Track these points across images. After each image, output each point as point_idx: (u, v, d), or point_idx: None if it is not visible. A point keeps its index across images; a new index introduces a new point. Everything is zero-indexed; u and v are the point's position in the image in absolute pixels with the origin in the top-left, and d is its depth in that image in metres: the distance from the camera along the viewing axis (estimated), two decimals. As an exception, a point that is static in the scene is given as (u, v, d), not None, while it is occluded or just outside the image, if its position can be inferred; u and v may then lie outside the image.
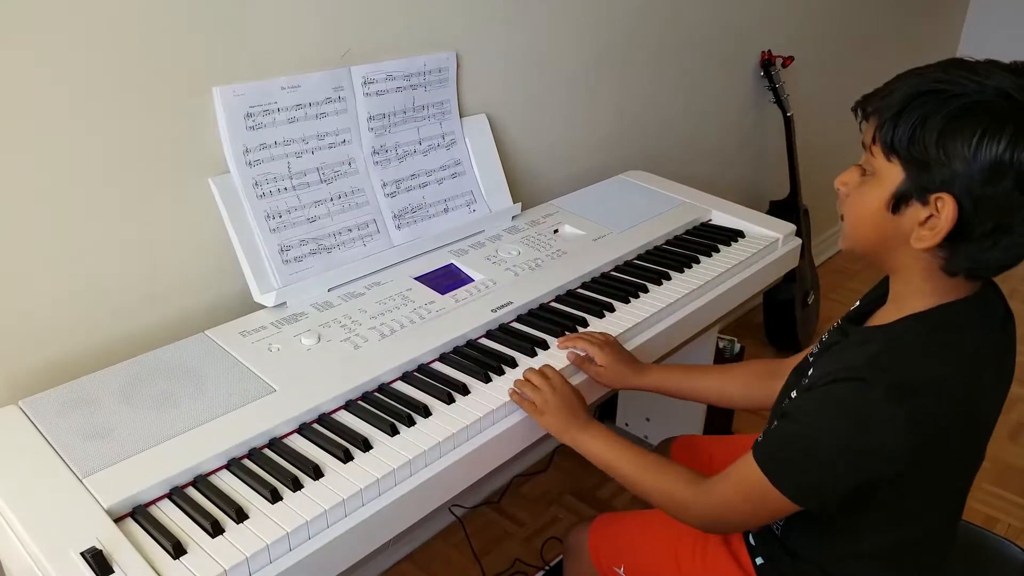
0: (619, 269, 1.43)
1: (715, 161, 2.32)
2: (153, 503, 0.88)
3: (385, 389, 1.08)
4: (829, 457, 0.82)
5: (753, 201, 2.39)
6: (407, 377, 1.11)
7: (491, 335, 1.21)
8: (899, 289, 0.87)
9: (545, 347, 1.18)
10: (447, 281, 1.31)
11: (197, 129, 1.17)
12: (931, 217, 0.77)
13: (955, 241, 0.77)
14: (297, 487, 0.89)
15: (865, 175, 0.83)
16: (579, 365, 1.14)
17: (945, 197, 0.76)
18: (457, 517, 1.84)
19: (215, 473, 0.92)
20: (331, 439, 0.97)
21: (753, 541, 1.04)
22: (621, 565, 1.14)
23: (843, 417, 0.81)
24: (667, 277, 1.39)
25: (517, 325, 1.25)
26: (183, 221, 1.19)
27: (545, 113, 1.71)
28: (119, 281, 1.15)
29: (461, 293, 1.28)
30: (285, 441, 0.97)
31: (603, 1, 1.74)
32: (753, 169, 2.52)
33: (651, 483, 0.97)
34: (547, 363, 1.12)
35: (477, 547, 1.78)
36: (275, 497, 0.87)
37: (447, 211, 1.46)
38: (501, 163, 1.55)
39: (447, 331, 1.17)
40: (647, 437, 1.95)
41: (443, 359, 1.15)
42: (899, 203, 0.80)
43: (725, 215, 1.63)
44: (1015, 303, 2.80)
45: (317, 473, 0.91)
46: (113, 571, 0.77)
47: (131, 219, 1.14)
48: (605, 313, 1.28)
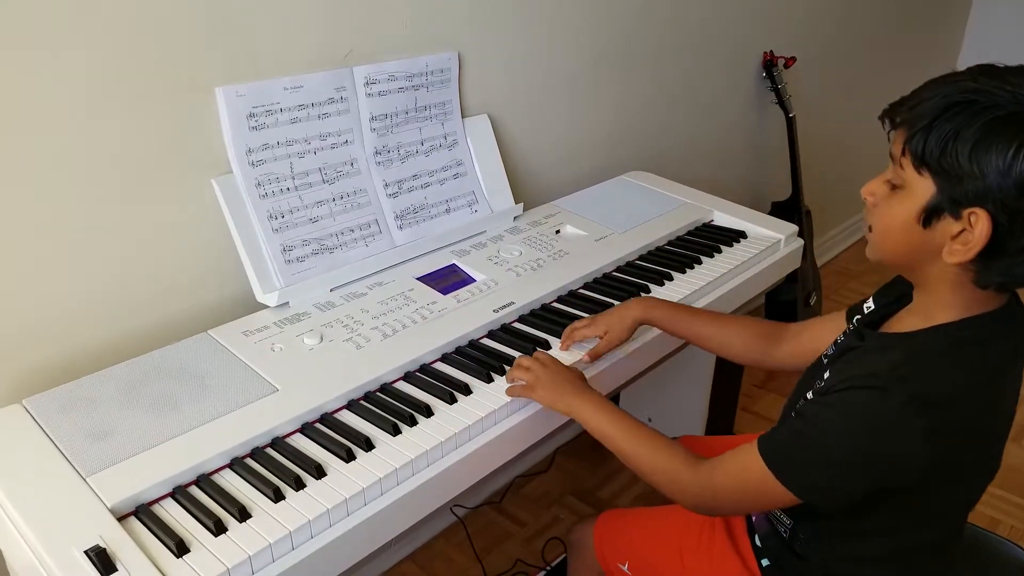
0: (621, 270, 1.43)
1: (717, 162, 2.32)
2: (156, 502, 0.88)
3: (387, 389, 1.08)
4: (842, 462, 0.81)
5: (755, 202, 2.39)
6: (409, 377, 1.11)
7: (493, 335, 1.22)
8: (925, 300, 0.85)
9: (547, 347, 1.18)
10: (449, 281, 1.31)
11: (200, 129, 1.17)
12: (964, 231, 0.75)
13: (988, 256, 0.75)
14: (300, 486, 0.89)
15: (894, 186, 0.81)
16: (594, 355, 1.15)
17: (979, 212, 0.73)
18: (458, 517, 1.84)
19: (218, 472, 0.93)
20: (333, 438, 0.97)
21: (760, 543, 1.04)
22: (626, 562, 1.14)
23: (860, 424, 0.80)
24: (669, 278, 1.39)
25: (519, 325, 1.25)
26: (186, 221, 1.19)
27: (547, 113, 1.72)
28: (122, 281, 1.15)
29: (463, 293, 1.28)
30: (288, 440, 0.98)
31: (605, 2, 1.74)
32: (755, 170, 2.52)
33: (648, 458, 0.95)
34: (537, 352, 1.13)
35: (478, 547, 1.79)
36: (278, 496, 0.88)
37: (449, 211, 1.46)
38: (503, 163, 1.55)
39: (449, 331, 1.18)
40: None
41: (445, 359, 1.15)
42: (930, 217, 0.77)
43: (727, 216, 1.63)
44: None
45: (319, 472, 0.91)
46: (116, 569, 0.77)
47: (134, 219, 1.14)
48: (607, 313, 1.28)
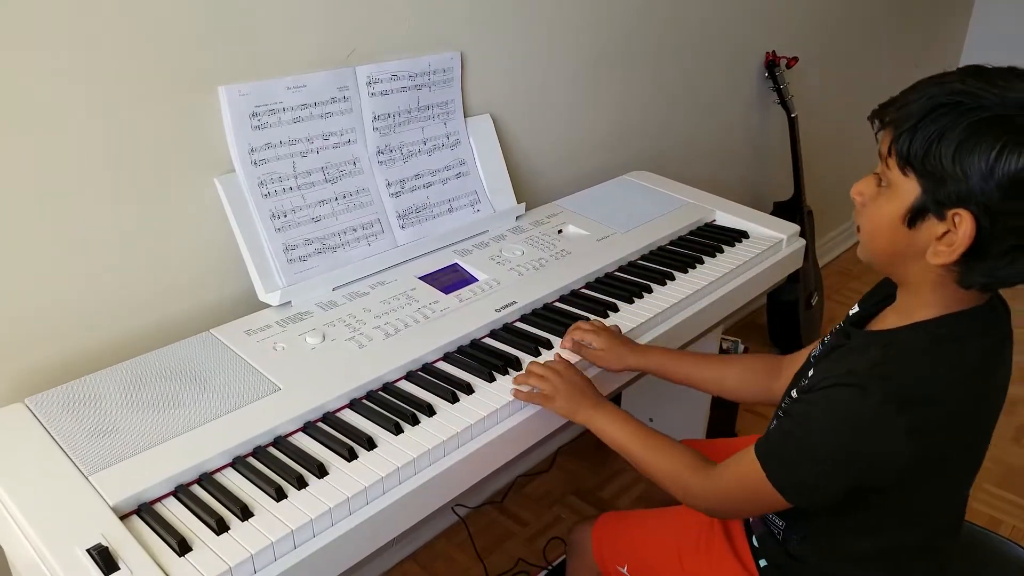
0: (623, 269, 1.43)
1: (719, 162, 2.32)
2: (158, 501, 0.88)
3: (389, 388, 1.08)
4: (825, 459, 0.83)
5: (757, 202, 2.39)
6: (411, 376, 1.11)
7: (495, 335, 1.22)
8: (907, 299, 0.86)
9: (549, 347, 1.18)
10: (451, 281, 1.31)
11: (202, 128, 1.17)
12: (948, 233, 0.76)
13: (972, 257, 0.76)
14: (302, 485, 0.89)
15: (881, 186, 0.81)
16: (577, 351, 1.15)
17: (963, 213, 0.74)
18: (460, 517, 1.84)
19: (220, 471, 0.93)
20: (336, 438, 0.97)
21: (757, 543, 1.05)
22: (625, 564, 1.14)
23: (841, 422, 0.81)
24: (671, 277, 1.39)
25: (521, 325, 1.25)
26: (188, 220, 1.19)
27: (550, 113, 1.72)
28: (124, 280, 1.15)
29: (465, 293, 1.28)
30: (290, 439, 0.98)
31: (607, 1, 1.74)
32: (757, 170, 2.52)
33: (657, 464, 0.98)
34: (549, 358, 1.13)
35: (480, 547, 1.79)
36: (280, 495, 0.88)
37: (451, 211, 1.46)
38: (505, 163, 1.55)
39: (451, 330, 1.18)
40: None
41: (447, 358, 1.15)
42: (915, 218, 0.78)
43: (729, 216, 1.63)
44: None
45: (322, 471, 0.91)
46: (119, 568, 0.77)
47: (136, 218, 1.14)
48: (609, 313, 1.28)
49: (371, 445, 0.96)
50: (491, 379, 1.09)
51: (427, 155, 1.44)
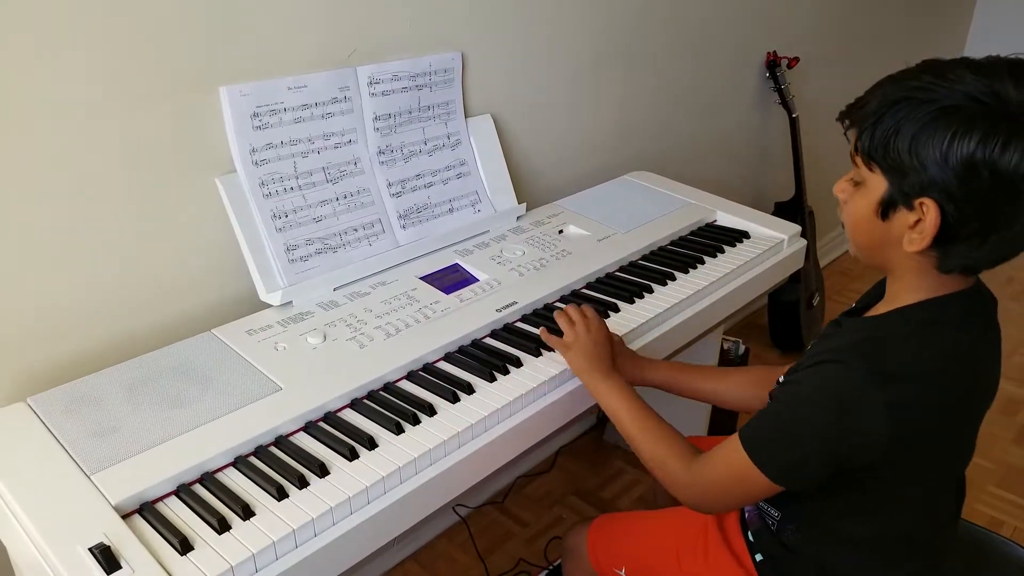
0: (624, 269, 1.43)
1: (720, 162, 2.33)
2: (160, 500, 0.88)
3: (390, 388, 1.08)
4: (807, 436, 0.84)
5: (758, 202, 2.39)
6: (412, 376, 1.11)
7: (496, 335, 1.22)
8: (893, 286, 0.89)
9: (550, 347, 1.18)
10: (452, 281, 1.31)
11: (204, 129, 1.17)
12: (919, 221, 0.80)
13: (945, 242, 0.79)
14: (303, 485, 0.90)
15: (856, 184, 0.86)
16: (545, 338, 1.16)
17: (927, 201, 0.78)
18: (461, 517, 1.84)
19: (222, 470, 0.93)
20: (337, 437, 0.97)
21: (752, 538, 1.05)
22: (622, 567, 1.14)
23: (823, 397, 0.83)
24: (672, 278, 1.39)
25: (522, 325, 1.25)
26: (190, 220, 1.20)
27: (550, 114, 1.72)
28: (126, 280, 1.15)
29: (466, 293, 1.28)
30: (291, 439, 0.98)
31: (608, 1, 1.74)
32: (758, 170, 2.52)
33: (649, 448, 0.99)
34: (587, 305, 1.16)
35: (481, 547, 1.79)
36: (281, 494, 0.88)
37: (452, 211, 1.46)
38: (506, 163, 1.55)
39: (452, 330, 1.18)
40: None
41: (448, 358, 1.15)
42: (887, 210, 0.82)
43: (730, 216, 1.63)
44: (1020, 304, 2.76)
45: (323, 471, 0.92)
46: (120, 567, 0.77)
47: (138, 218, 1.14)
48: (610, 313, 1.28)
49: (372, 445, 0.96)
50: (492, 379, 1.09)
51: (428, 155, 1.44)
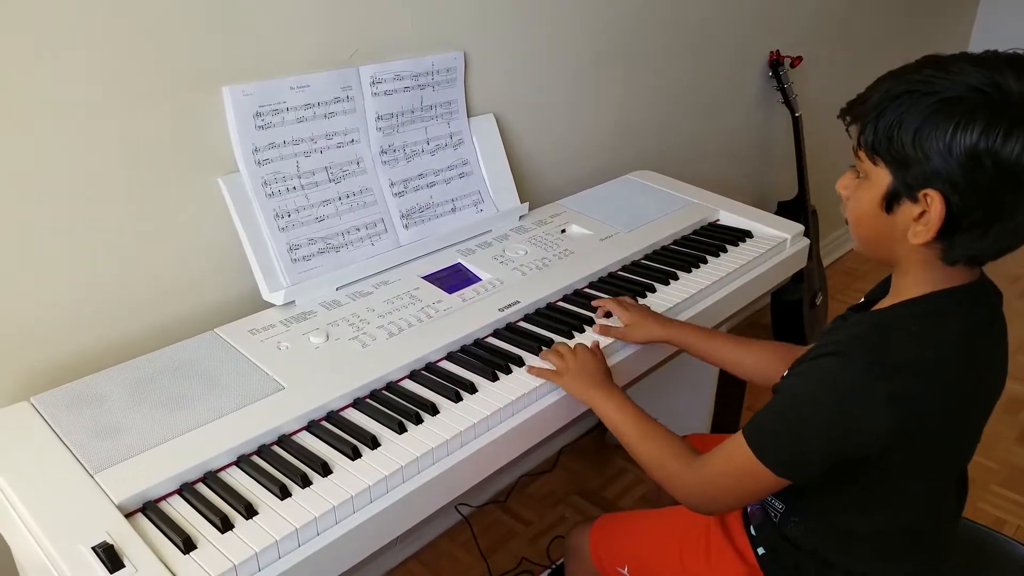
0: (626, 269, 1.43)
1: (723, 161, 2.32)
2: (163, 499, 0.88)
3: (393, 387, 1.08)
4: (810, 428, 0.85)
5: (761, 201, 2.39)
6: (415, 375, 1.11)
7: (498, 334, 1.22)
8: (898, 280, 0.89)
9: (552, 346, 1.18)
10: (454, 280, 1.32)
11: (206, 128, 1.17)
12: (924, 213, 0.80)
13: (949, 233, 0.80)
14: (306, 484, 0.90)
15: (859, 179, 0.86)
16: (606, 333, 1.20)
17: (932, 192, 0.78)
18: (464, 516, 1.84)
19: (225, 469, 0.93)
20: (340, 436, 0.97)
21: (754, 532, 1.05)
22: (625, 566, 1.14)
23: (824, 389, 0.83)
24: (674, 277, 1.39)
25: (524, 324, 1.25)
26: (193, 220, 1.20)
27: (553, 113, 1.72)
28: (129, 279, 1.16)
29: (468, 292, 1.28)
30: (294, 438, 0.98)
31: (610, 1, 1.74)
32: (761, 169, 2.52)
33: (648, 450, 0.99)
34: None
35: (483, 546, 1.79)
36: (284, 493, 0.88)
37: (454, 211, 1.47)
38: (508, 163, 1.56)
39: (454, 330, 1.18)
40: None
41: (450, 358, 1.15)
42: (891, 203, 0.82)
43: (733, 215, 1.63)
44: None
45: (326, 470, 0.92)
46: (124, 565, 0.78)
47: (141, 218, 1.14)
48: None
49: (375, 444, 0.96)
50: (494, 378, 1.09)
51: (430, 155, 1.45)
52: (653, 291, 1.35)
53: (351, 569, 0.91)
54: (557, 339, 1.19)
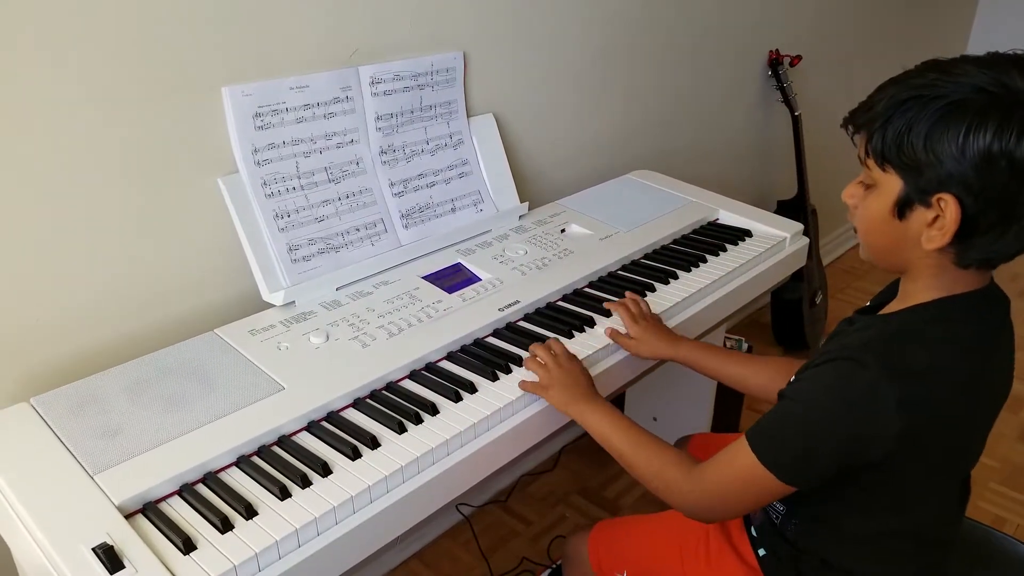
0: (626, 268, 1.43)
1: (722, 161, 2.32)
2: (163, 499, 0.88)
3: (393, 387, 1.08)
4: (818, 433, 0.84)
5: (760, 200, 2.38)
6: (415, 375, 1.11)
7: (498, 334, 1.22)
8: (908, 285, 0.89)
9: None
10: (454, 280, 1.32)
11: (206, 129, 1.17)
12: (937, 218, 0.79)
13: (965, 236, 0.79)
14: (306, 484, 0.90)
15: (868, 187, 0.85)
16: (616, 339, 1.19)
17: (946, 196, 0.77)
18: (464, 516, 1.84)
19: (225, 470, 0.93)
20: (340, 437, 0.97)
21: (755, 533, 1.05)
22: (624, 570, 1.14)
23: (834, 394, 0.83)
24: (674, 276, 1.39)
25: (524, 324, 1.25)
26: (192, 220, 1.20)
27: (552, 113, 1.72)
28: (129, 280, 1.16)
29: (468, 292, 1.28)
30: (294, 439, 0.98)
31: (610, 1, 1.74)
32: (761, 169, 2.52)
33: (643, 461, 0.97)
34: (552, 340, 1.15)
35: (484, 545, 1.79)
36: (284, 494, 0.88)
37: (454, 211, 1.47)
38: (508, 163, 1.56)
39: (454, 330, 1.18)
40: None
41: (450, 358, 1.15)
42: (903, 209, 0.82)
43: (732, 214, 1.63)
44: (1024, 303, 2.75)
45: (326, 470, 0.92)
46: (124, 566, 0.78)
47: (140, 218, 1.14)
48: (612, 312, 1.28)
49: (375, 444, 0.96)
50: (494, 378, 1.09)
51: (430, 155, 1.45)
52: (653, 290, 1.35)
53: (352, 569, 0.91)
54: (558, 339, 1.19)
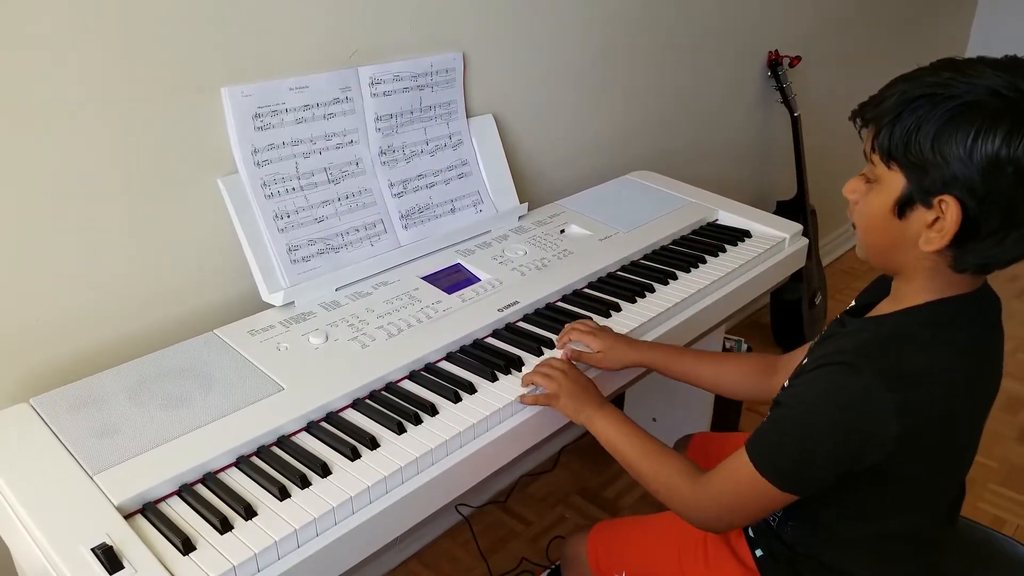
0: (626, 269, 1.43)
1: (722, 161, 2.32)
2: (163, 500, 0.88)
3: (392, 388, 1.08)
4: (815, 440, 0.83)
5: (760, 201, 2.38)
6: (414, 376, 1.11)
7: (497, 334, 1.22)
8: (901, 286, 0.88)
9: (551, 346, 1.18)
10: (454, 281, 1.32)
11: (206, 129, 1.18)
12: (937, 219, 0.78)
13: (963, 240, 0.78)
14: (305, 484, 0.90)
15: (870, 183, 0.84)
16: (577, 358, 1.15)
17: (948, 199, 0.76)
18: (464, 516, 1.84)
19: (224, 470, 0.93)
20: (339, 437, 0.98)
21: (753, 534, 1.05)
22: (623, 571, 1.14)
23: (830, 400, 0.82)
24: (674, 277, 1.39)
25: (523, 324, 1.25)
26: (192, 221, 1.20)
27: (552, 114, 1.72)
28: (128, 280, 1.16)
29: (468, 293, 1.28)
30: (293, 439, 0.98)
31: (609, 1, 1.74)
32: (760, 169, 2.52)
33: (651, 470, 0.97)
34: (551, 356, 1.14)
35: (484, 546, 1.79)
36: (283, 494, 0.88)
37: (454, 211, 1.47)
38: (508, 163, 1.56)
39: (454, 330, 1.18)
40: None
41: (450, 358, 1.16)
42: (904, 208, 0.81)
43: (732, 215, 1.63)
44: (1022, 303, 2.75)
45: (325, 471, 0.92)
46: (123, 567, 0.78)
47: (140, 219, 1.15)
48: (611, 313, 1.28)
49: (374, 444, 0.96)
50: (493, 379, 1.10)
51: (429, 155, 1.45)
52: (652, 291, 1.35)
53: (351, 569, 0.91)
54: (557, 339, 1.19)
